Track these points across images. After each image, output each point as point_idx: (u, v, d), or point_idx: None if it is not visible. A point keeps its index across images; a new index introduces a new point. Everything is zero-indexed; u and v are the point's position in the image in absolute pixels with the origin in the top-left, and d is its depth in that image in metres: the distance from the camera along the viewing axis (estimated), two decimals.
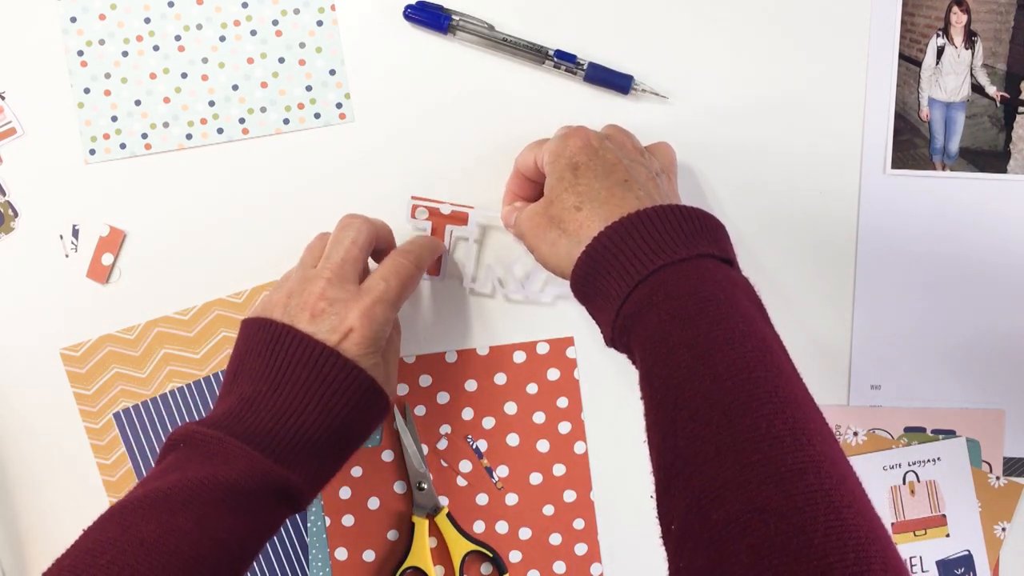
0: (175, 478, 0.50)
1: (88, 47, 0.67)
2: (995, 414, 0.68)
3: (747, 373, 0.44)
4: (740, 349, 0.45)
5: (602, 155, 0.56)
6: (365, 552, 0.68)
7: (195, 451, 0.51)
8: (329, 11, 0.67)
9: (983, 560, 0.67)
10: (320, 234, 0.61)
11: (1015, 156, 0.67)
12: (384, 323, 0.56)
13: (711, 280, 0.48)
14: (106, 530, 0.48)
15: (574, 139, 0.57)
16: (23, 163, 0.68)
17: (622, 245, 0.50)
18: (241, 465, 0.51)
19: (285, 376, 0.53)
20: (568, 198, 0.54)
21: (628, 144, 0.58)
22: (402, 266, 0.58)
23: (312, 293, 0.56)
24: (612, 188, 0.53)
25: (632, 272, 0.49)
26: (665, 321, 0.47)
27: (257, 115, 0.67)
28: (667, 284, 0.48)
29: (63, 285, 0.68)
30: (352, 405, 0.54)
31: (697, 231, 0.50)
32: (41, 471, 0.69)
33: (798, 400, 0.44)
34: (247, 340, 0.56)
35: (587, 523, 0.68)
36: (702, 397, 0.44)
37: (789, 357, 0.47)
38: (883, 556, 0.38)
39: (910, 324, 0.67)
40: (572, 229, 0.53)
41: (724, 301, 0.47)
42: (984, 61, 0.66)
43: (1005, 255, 0.67)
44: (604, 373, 0.68)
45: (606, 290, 0.51)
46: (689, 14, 0.67)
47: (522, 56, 0.66)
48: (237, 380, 0.55)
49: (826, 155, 0.67)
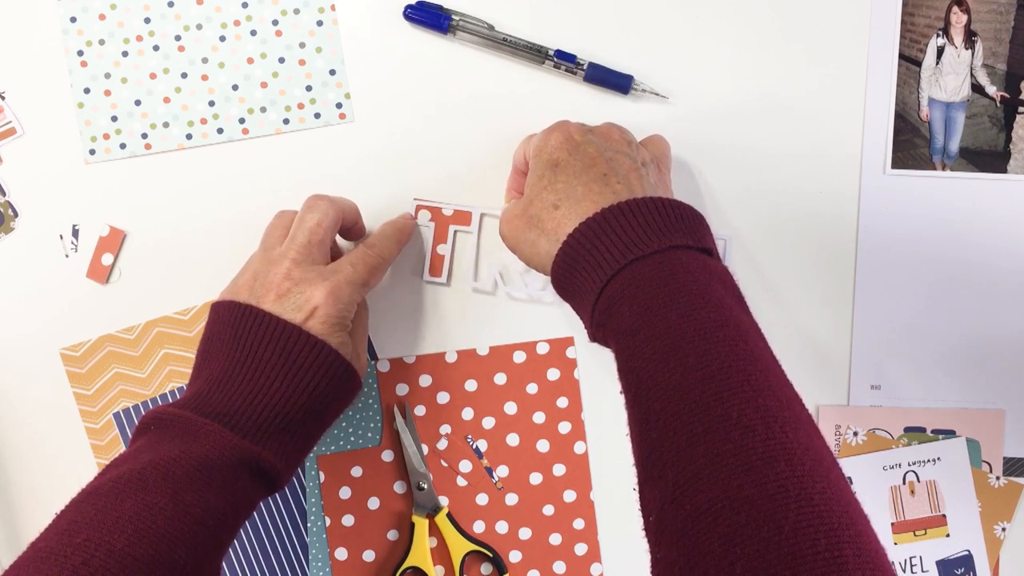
0: (148, 458, 0.50)
1: (88, 47, 0.67)
2: (995, 414, 0.68)
3: (718, 363, 0.44)
4: (712, 339, 0.45)
5: (583, 149, 0.55)
6: (365, 552, 0.68)
7: (166, 432, 0.52)
8: (329, 11, 0.67)
9: (983, 560, 0.67)
10: (279, 212, 0.61)
11: (1015, 156, 0.67)
12: (349, 303, 0.57)
13: (683, 271, 0.48)
14: (81, 511, 0.48)
15: (556, 134, 0.57)
16: (23, 163, 0.68)
17: (595, 241, 0.50)
18: (212, 442, 0.51)
19: (252, 355, 0.54)
20: (547, 196, 0.55)
21: (614, 135, 0.58)
22: (368, 256, 0.60)
23: (277, 274, 0.56)
24: (590, 184, 0.53)
25: (605, 267, 0.50)
26: (637, 314, 0.47)
27: (257, 115, 0.67)
28: (638, 277, 0.48)
29: (63, 285, 0.68)
30: (320, 381, 0.55)
31: (672, 222, 0.50)
32: (41, 471, 0.69)
33: (772, 387, 0.44)
34: (214, 323, 0.57)
35: (587, 523, 0.68)
36: (673, 389, 0.44)
37: (767, 344, 0.47)
38: (856, 541, 0.38)
39: (910, 324, 0.67)
40: (550, 228, 0.54)
41: (696, 292, 0.47)
42: (984, 61, 0.66)
43: (1005, 255, 0.67)
44: (604, 373, 0.68)
45: (583, 286, 0.51)
46: (689, 14, 0.67)
47: (522, 56, 0.66)
48: (206, 362, 0.56)
49: (826, 155, 0.67)
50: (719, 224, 0.67)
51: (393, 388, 0.68)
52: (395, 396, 0.68)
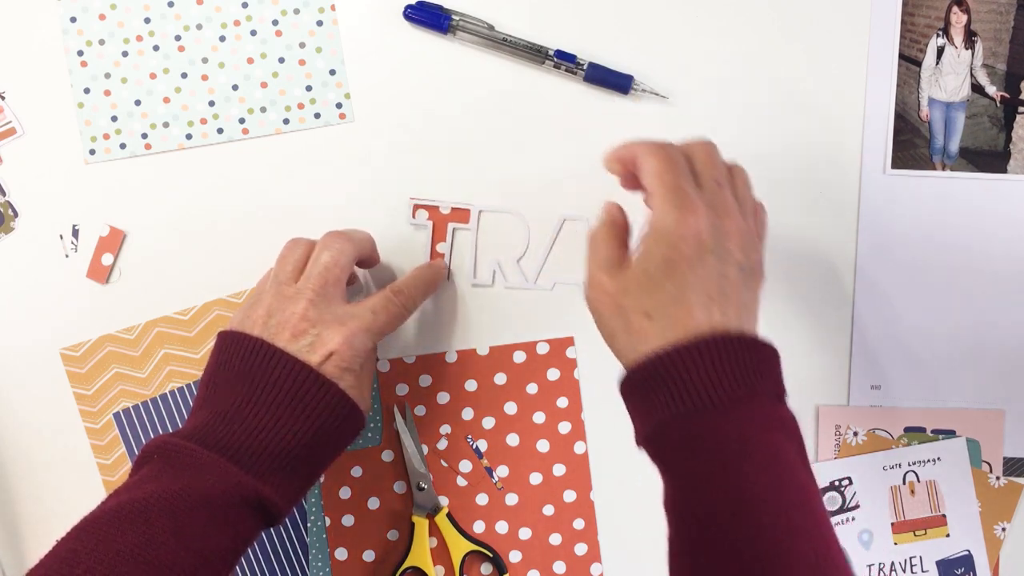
0: (151, 488, 0.50)
1: (88, 47, 0.67)
2: (995, 414, 0.68)
3: (788, 528, 0.45)
4: (781, 501, 0.46)
5: (704, 260, 0.50)
6: (365, 552, 0.68)
7: (169, 463, 0.51)
8: (329, 11, 0.67)
9: (983, 560, 0.67)
10: (291, 242, 0.61)
11: (1015, 156, 0.67)
12: (363, 349, 0.57)
13: (758, 425, 0.48)
14: (81, 540, 0.48)
15: (690, 220, 0.50)
16: (23, 163, 0.68)
17: (676, 374, 0.49)
18: (215, 476, 0.51)
19: (263, 392, 0.54)
20: (644, 300, 0.51)
21: (735, 235, 0.52)
22: (392, 304, 0.59)
23: (294, 313, 0.56)
24: (692, 306, 0.50)
25: (679, 403, 0.49)
26: (705, 460, 0.47)
27: (257, 115, 0.67)
28: (715, 427, 0.48)
29: (63, 285, 0.68)
30: (327, 422, 0.55)
31: (754, 366, 0.49)
32: (41, 471, 0.69)
33: (833, 558, 0.46)
34: (223, 352, 0.56)
35: (587, 523, 0.68)
36: (744, 544, 0.45)
37: (823, 503, 0.49)
38: None
39: (910, 324, 0.67)
40: (635, 331, 0.51)
41: (768, 447, 0.47)
42: (984, 61, 0.66)
43: (1005, 255, 0.67)
44: (604, 373, 0.68)
45: (650, 409, 0.50)
46: (689, 14, 0.67)
47: (522, 56, 0.66)
48: (213, 393, 0.55)
49: (826, 155, 0.67)
50: None
51: (393, 388, 0.68)
52: (395, 396, 0.68)
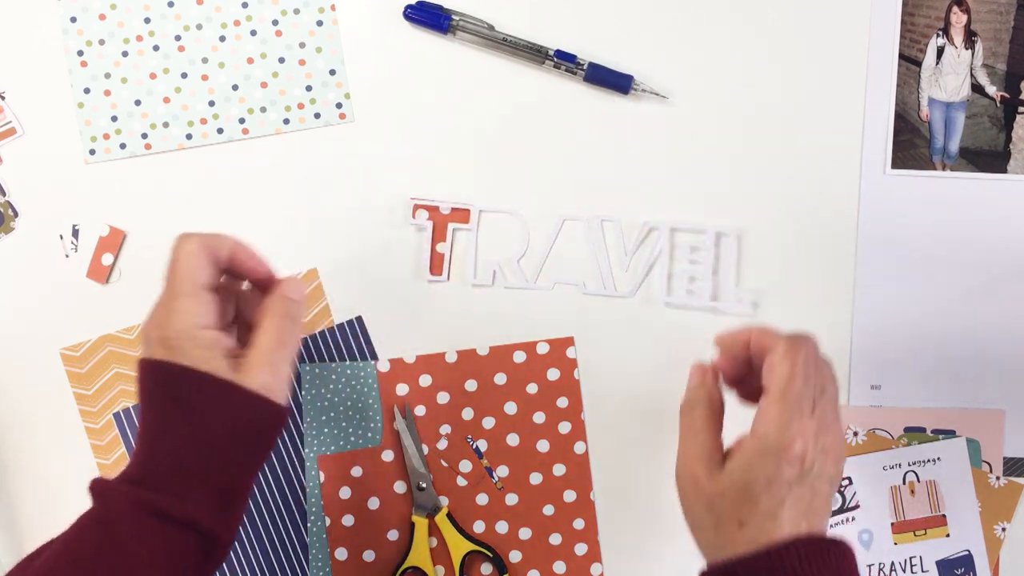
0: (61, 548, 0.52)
1: (88, 47, 0.67)
2: (995, 414, 0.68)
3: None
4: None
5: (805, 481, 0.51)
6: (365, 552, 0.68)
7: (101, 529, 0.53)
8: (329, 11, 0.67)
9: (983, 560, 0.67)
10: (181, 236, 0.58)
11: (1015, 156, 0.67)
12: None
13: None
14: None
15: (800, 446, 0.51)
16: (23, 163, 0.68)
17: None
18: (117, 502, 0.52)
19: (162, 412, 0.53)
20: (738, 510, 0.51)
21: (834, 450, 0.52)
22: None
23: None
24: (784, 520, 0.51)
25: None
26: None
27: (257, 115, 0.67)
28: None
29: (63, 285, 0.68)
30: (227, 419, 0.53)
31: (832, 566, 0.50)
32: (41, 471, 0.69)
33: None
34: (137, 382, 0.55)
35: (587, 523, 0.68)
36: None
37: None
38: None
39: (910, 324, 0.67)
40: (723, 533, 0.51)
41: None
42: (984, 61, 0.66)
43: (1005, 255, 0.67)
44: (604, 373, 0.68)
45: None
46: (689, 14, 0.67)
47: (522, 56, 0.66)
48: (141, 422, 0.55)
49: (826, 155, 0.67)
50: (719, 224, 0.67)
51: (393, 388, 0.68)
52: (395, 396, 0.68)
